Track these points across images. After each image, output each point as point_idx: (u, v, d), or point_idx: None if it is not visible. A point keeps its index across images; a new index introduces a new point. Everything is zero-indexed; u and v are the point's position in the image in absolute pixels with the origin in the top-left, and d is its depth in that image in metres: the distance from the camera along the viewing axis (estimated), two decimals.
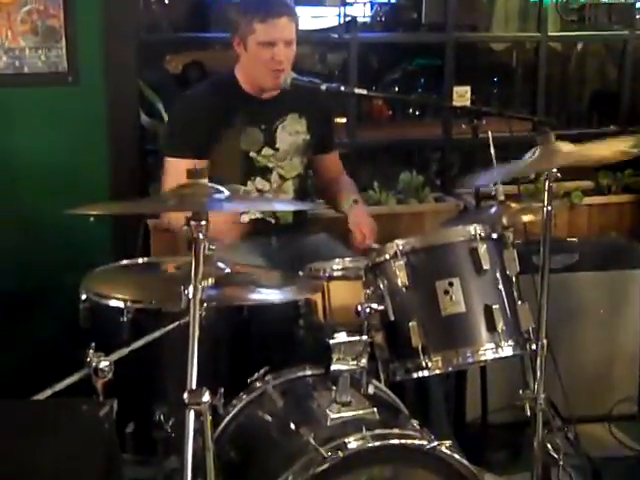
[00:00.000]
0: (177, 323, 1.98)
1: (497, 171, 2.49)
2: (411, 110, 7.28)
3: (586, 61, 5.61)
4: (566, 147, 2.13)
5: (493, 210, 2.50)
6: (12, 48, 3.02)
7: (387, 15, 8.12)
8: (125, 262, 2.49)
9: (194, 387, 1.60)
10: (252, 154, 2.83)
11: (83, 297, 2.27)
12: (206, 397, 1.60)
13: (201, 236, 1.68)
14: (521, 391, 2.22)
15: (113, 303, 2.20)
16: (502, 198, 2.53)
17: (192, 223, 1.69)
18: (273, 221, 2.88)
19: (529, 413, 2.20)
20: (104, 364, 1.87)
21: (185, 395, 1.59)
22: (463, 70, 4.03)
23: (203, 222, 1.68)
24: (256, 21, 2.69)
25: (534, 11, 4.92)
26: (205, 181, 1.75)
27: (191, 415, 1.59)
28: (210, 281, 1.97)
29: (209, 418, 1.62)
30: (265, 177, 2.86)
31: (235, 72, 2.85)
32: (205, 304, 1.81)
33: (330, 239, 2.93)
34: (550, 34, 4.09)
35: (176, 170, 2.69)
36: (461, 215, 3.40)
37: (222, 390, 1.71)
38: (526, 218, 2.44)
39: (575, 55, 5.67)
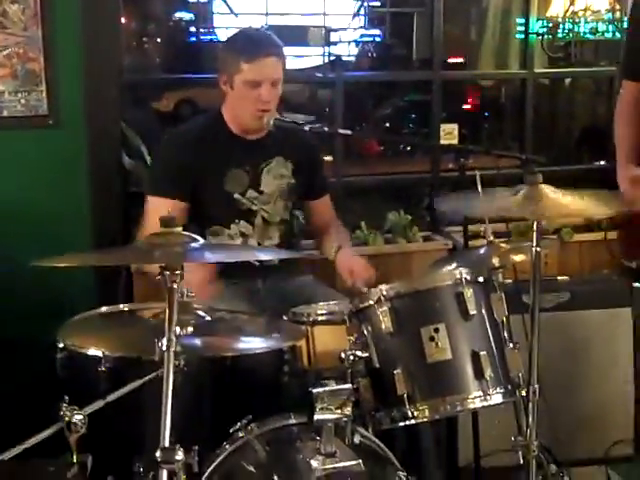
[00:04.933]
0: (155, 374, 1.92)
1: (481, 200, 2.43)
2: (402, 146, 7.28)
3: (575, 97, 5.62)
4: (553, 195, 2.08)
5: (483, 250, 2.46)
6: None
7: (377, 51, 8.14)
8: (104, 309, 2.44)
9: (167, 444, 1.54)
10: (236, 196, 2.79)
11: (60, 346, 2.22)
12: (179, 455, 1.54)
13: (175, 286, 1.63)
14: (513, 438, 2.17)
15: (91, 352, 2.14)
16: (491, 238, 2.49)
17: (166, 273, 1.63)
18: (258, 264, 2.81)
19: (522, 461, 2.15)
20: (77, 418, 1.82)
21: (158, 453, 1.53)
22: (451, 106, 4.02)
23: (178, 272, 1.63)
24: (243, 60, 2.65)
25: (521, 47, 4.93)
26: (179, 229, 1.70)
27: (164, 475, 1.53)
28: (188, 330, 1.90)
29: (183, 477, 1.55)
30: (249, 220, 2.81)
31: (222, 111, 2.82)
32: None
33: (317, 282, 2.89)
34: (537, 71, 4.11)
35: (157, 210, 2.64)
36: (450, 255, 3.36)
37: (196, 448, 1.65)
38: (516, 258, 2.39)
39: (563, 91, 5.68)
